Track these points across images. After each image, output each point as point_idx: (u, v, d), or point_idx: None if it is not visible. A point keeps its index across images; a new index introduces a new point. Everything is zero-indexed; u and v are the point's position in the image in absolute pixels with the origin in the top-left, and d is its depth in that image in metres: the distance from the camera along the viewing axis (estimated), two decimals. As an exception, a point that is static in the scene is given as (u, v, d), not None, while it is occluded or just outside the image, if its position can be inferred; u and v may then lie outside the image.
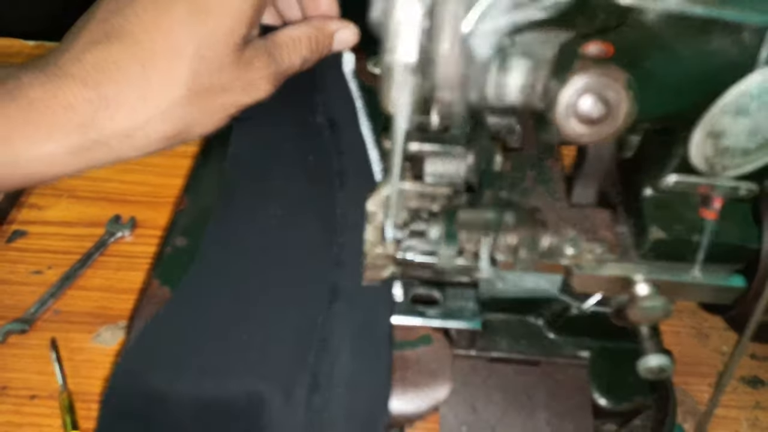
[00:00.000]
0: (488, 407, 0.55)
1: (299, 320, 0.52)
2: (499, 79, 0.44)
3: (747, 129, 0.46)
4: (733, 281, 0.51)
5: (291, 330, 0.51)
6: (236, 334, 0.51)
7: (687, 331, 0.72)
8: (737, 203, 0.52)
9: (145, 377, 0.49)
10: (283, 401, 0.48)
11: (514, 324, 0.61)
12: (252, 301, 0.53)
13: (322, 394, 0.48)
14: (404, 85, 0.45)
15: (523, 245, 0.48)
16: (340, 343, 0.51)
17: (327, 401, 0.48)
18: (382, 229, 0.54)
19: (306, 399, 0.48)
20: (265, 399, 0.48)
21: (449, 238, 0.49)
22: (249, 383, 0.49)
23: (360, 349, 0.50)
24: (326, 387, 0.49)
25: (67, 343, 0.66)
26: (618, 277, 0.50)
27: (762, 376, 0.69)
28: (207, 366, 0.49)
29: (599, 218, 0.52)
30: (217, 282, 0.54)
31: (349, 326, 0.52)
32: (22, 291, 0.70)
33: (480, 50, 0.42)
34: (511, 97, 0.44)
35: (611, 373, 0.59)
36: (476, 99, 0.44)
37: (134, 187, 0.80)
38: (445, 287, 0.55)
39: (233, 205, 0.58)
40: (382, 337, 0.51)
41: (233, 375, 0.49)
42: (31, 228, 0.76)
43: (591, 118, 0.41)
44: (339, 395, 0.48)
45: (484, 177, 0.54)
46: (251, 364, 0.50)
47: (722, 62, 0.43)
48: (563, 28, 0.47)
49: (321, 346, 0.50)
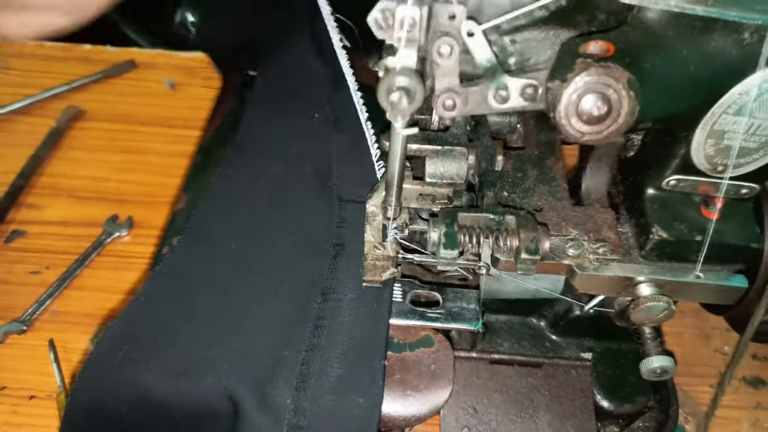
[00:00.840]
0: (489, 409, 0.55)
1: (285, 317, 0.51)
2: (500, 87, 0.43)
3: (748, 129, 0.45)
4: (735, 281, 0.51)
5: (272, 328, 0.51)
6: (212, 329, 0.50)
7: (689, 332, 0.72)
8: (739, 203, 0.51)
9: (114, 373, 0.48)
10: (255, 404, 0.47)
11: (515, 325, 0.60)
12: (235, 292, 0.52)
13: (307, 397, 0.48)
14: (403, 86, 0.45)
15: (524, 247, 0.48)
16: (332, 346, 0.50)
17: (312, 406, 0.47)
18: (381, 230, 0.54)
19: (287, 402, 0.47)
20: (238, 401, 0.48)
21: (450, 239, 0.49)
22: (218, 384, 0.48)
23: (352, 356, 0.50)
24: (314, 391, 0.48)
25: (64, 343, 0.66)
26: (620, 278, 0.50)
27: (763, 376, 0.69)
28: (178, 365, 0.49)
29: (602, 218, 0.52)
30: (198, 268, 0.54)
31: (344, 330, 0.51)
32: (21, 291, 0.70)
33: (480, 52, 0.42)
34: (512, 102, 0.44)
35: (614, 375, 0.59)
36: (478, 106, 0.44)
37: (132, 186, 0.80)
38: (446, 288, 0.55)
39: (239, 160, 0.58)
40: (378, 346, 0.50)
41: (203, 375, 0.49)
42: (30, 228, 0.76)
43: (593, 117, 0.41)
44: (326, 402, 0.48)
45: (485, 177, 0.54)
46: (223, 363, 0.49)
47: (723, 62, 0.42)
48: (563, 27, 0.46)
49: (311, 346, 0.50)
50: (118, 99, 0.89)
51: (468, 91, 0.44)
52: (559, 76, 0.41)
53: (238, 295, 0.52)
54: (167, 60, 0.94)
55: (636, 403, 0.58)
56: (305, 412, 0.47)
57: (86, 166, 0.82)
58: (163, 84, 0.91)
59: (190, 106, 0.89)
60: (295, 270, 0.54)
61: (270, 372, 0.48)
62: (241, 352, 0.50)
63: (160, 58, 0.95)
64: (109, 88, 0.90)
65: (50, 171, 0.81)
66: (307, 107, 0.63)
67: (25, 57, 0.93)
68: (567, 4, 0.44)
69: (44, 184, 0.80)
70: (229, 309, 0.51)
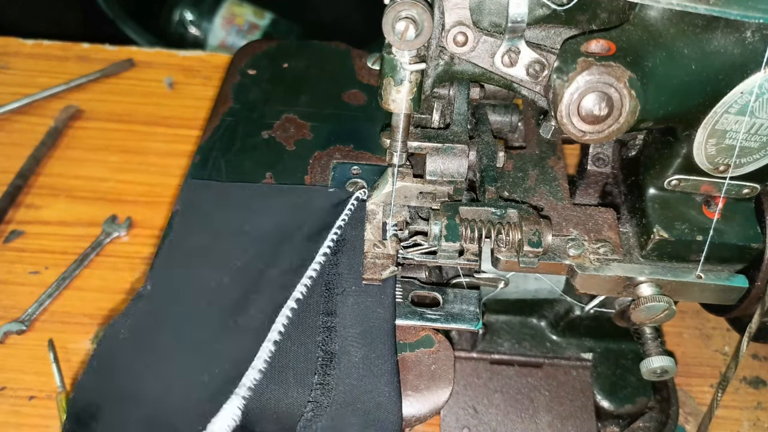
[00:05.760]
0: (490, 410, 0.55)
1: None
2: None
3: (749, 128, 0.45)
4: (736, 282, 0.51)
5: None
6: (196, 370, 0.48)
7: (690, 332, 0.72)
8: (740, 202, 0.51)
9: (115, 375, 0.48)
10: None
11: (516, 326, 0.60)
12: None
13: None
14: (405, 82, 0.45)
15: (527, 239, 0.47)
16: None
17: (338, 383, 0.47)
18: (381, 228, 0.54)
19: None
20: None
21: (451, 231, 0.49)
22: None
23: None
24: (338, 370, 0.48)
25: (64, 343, 0.66)
26: (621, 278, 0.50)
27: (764, 376, 0.69)
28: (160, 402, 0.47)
29: (602, 218, 0.52)
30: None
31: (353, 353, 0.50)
32: (20, 291, 0.70)
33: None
34: (515, 71, 0.44)
35: (614, 375, 0.59)
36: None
37: (131, 186, 0.80)
38: (446, 289, 0.55)
39: None
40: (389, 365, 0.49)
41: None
42: (29, 228, 0.76)
43: (594, 116, 0.41)
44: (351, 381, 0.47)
45: (486, 172, 0.54)
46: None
47: (725, 61, 0.42)
48: (566, 25, 0.46)
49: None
50: (116, 98, 0.89)
51: (480, 37, 0.43)
52: (560, 75, 0.41)
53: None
54: (166, 59, 0.94)
55: (636, 404, 0.58)
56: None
57: (85, 165, 0.82)
58: (162, 83, 0.91)
59: (189, 105, 0.88)
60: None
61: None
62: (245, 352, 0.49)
63: (159, 57, 0.94)
64: (107, 87, 0.90)
65: (49, 171, 0.81)
66: None
67: (23, 56, 0.93)
68: (569, 2, 0.44)
69: (43, 184, 0.80)
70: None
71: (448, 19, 0.43)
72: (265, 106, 0.65)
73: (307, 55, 0.71)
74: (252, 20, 1.29)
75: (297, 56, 0.71)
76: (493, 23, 0.45)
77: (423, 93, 0.48)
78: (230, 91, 0.67)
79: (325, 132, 0.63)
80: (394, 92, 0.46)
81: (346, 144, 0.62)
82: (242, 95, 0.66)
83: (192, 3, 1.29)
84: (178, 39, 1.29)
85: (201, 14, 1.29)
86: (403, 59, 0.42)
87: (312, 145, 0.61)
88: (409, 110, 0.47)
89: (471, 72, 0.48)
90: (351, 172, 0.59)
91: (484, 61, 0.45)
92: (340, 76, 0.69)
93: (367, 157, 0.60)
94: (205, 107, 0.87)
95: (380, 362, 0.48)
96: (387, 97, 0.46)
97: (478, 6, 0.44)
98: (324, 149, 0.61)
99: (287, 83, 0.68)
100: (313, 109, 0.65)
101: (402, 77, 0.45)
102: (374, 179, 0.57)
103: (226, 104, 0.65)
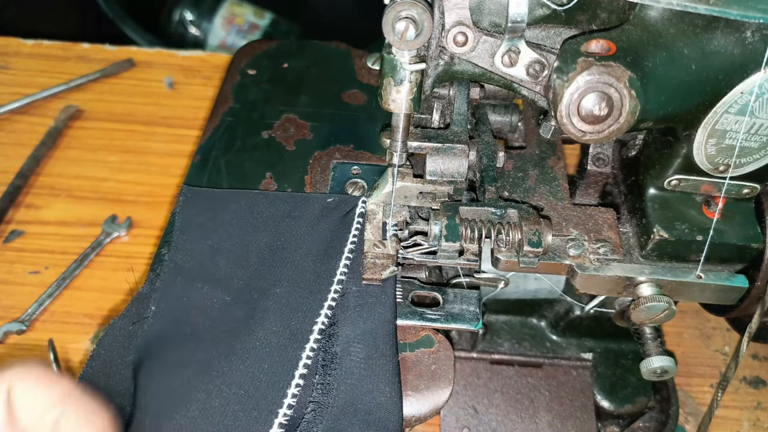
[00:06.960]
0: (490, 410, 0.55)
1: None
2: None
3: (749, 128, 0.45)
4: (736, 282, 0.51)
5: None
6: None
7: (690, 332, 0.72)
8: (740, 202, 0.51)
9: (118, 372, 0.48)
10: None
11: (516, 326, 0.60)
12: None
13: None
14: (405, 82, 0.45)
15: (527, 239, 0.47)
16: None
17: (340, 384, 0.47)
18: (381, 228, 0.54)
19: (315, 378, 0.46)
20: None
21: (451, 231, 0.49)
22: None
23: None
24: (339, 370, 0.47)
25: (64, 343, 0.66)
26: (621, 278, 0.50)
27: (764, 376, 0.69)
28: None
29: (602, 218, 0.52)
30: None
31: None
32: (20, 291, 0.70)
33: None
34: (515, 71, 0.44)
35: (614, 375, 0.59)
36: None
37: (131, 186, 0.80)
38: (446, 289, 0.55)
39: None
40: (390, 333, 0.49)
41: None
42: (29, 228, 0.76)
43: (594, 116, 0.41)
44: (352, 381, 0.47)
45: (486, 172, 0.54)
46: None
47: (724, 61, 0.42)
48: (566, 25, 0.46)
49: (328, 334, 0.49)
50: (116, 98, 0.89)
51: (480, 37, 0.43)
52: (560, 75, 0.41)
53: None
54: (166, 59, 0.94)
55: (636, 404, 0.58)
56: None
57: (85, 165, 0.82)
58: (162, 83, 0.91)
59: (189, 105, 0.88)
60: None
61: None
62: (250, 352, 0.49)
63: (159, 57, 0.94)
64: (107, 87, 0.90)
65: (49, 171, 0.81)
66: None
67: (23, 56, 0.93)
68: (569, 1, 0.44)
69: (43, 184, 0.80)
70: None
71: (448, 19, 0.43)
72: (265, 106, 0.65)
73: (307, 55, 0.71)
74: (252, 20, 1.29)
75: (297, 56, 0.71)
76: (493, 23, 0.45)
77: (423, 93, 0.48)
78: (230, 91, 0.67)
79: (325, 132, 0.63)
80: (394, 92, 0.46)
81: (346, 144, 0.62)
82: (242, 95, 0.66)
83: (192, 3, 1.29)
84: (178, 39, 1.29)
85: (201, 14, 1.29)
86: (403, 59, 0.42)
87: (312, 145, 0.61)
88: (409, 110, 0.47)
89: (471, 72, 0.48)
90: (351, 172, 0.59)
91: (484, 61, 0.45)
92: (340, 76, 0.69)
93: (367, 157, 0.60)
94: (205, 107, 0.87)
95: (381, 362, 0.48)
96: (387, 97, 0.46)
97: (478, 6, 0.44)
98: (324, 149, 0.61)
99: (287, 83, 0.68)
100: (313, 109, 0.65)
101: (402, 77, 0.45)
102: (374, 179, 0.57)
103: (226, 104, 0.65)
